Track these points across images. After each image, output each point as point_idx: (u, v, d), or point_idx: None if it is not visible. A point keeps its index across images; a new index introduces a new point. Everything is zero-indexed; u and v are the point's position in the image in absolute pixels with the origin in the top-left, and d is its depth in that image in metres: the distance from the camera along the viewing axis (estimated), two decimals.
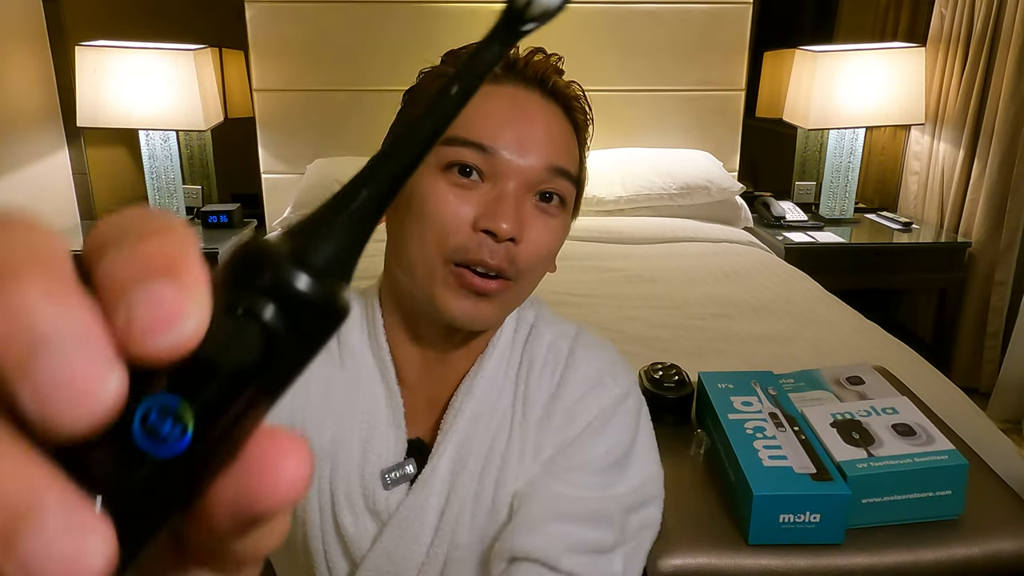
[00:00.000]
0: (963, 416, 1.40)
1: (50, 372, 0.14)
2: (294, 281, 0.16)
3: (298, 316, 0.16)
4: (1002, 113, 2.59)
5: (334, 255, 0.17)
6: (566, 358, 0.79)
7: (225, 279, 0.16)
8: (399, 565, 0.74)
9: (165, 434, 0.15)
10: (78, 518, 0.14)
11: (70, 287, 0.15)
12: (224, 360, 0.16)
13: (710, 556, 0.96)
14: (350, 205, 0.17)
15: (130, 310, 0.15)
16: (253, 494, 0.16)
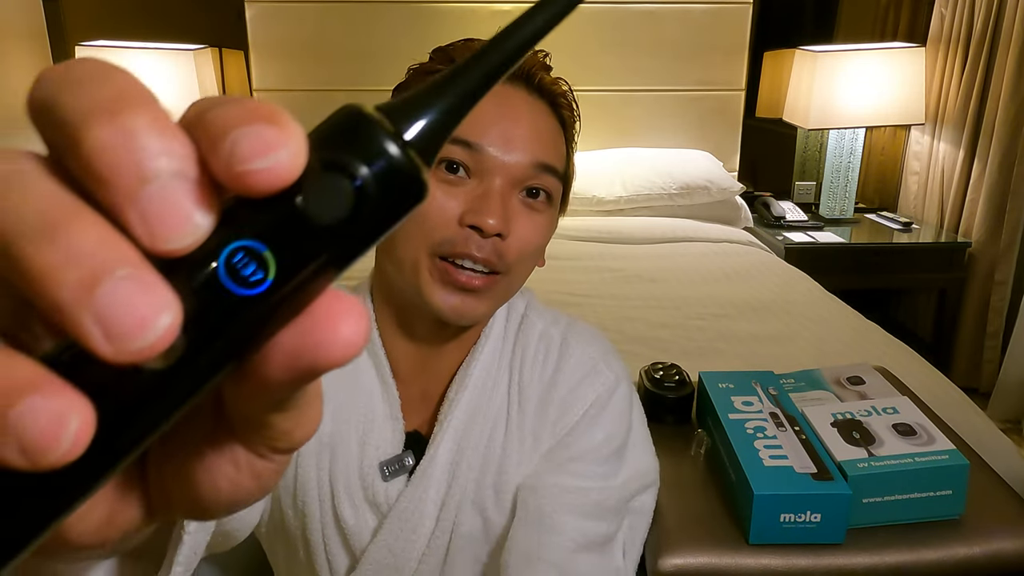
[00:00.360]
0: (963, 416, 1.40)
1: (152, 201, 0.15)
2: (389, 148, 0.17)
3: (389, 181, 0.17)
4: (1002, 113, 2.59)
5: (427, 134, 0.18)
6: (559, 347, 0.80)
7: (321, 138, 0.17)
8: (399, 557, 0.75)
9: (247, 275, 0.16)
10: (152, 284, 0.15)
11: (171, 123, 0.16)
12: (314, 211, 0.16)
13: (711, 556, 0.96)
14: (444, 93, 0.18)
15: (234, 142, 0.16)
16: (312, 347, 0.17)
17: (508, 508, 0.76)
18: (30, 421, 0.14)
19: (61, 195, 0.16)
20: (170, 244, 0.16)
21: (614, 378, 0.80)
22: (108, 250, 0.15)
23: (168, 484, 0.21)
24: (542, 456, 0.77)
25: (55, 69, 0.17)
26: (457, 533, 0.76)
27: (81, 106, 0.16)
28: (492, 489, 0.76)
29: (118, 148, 0.15)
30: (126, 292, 0.15)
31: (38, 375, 0.15)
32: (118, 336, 0.15)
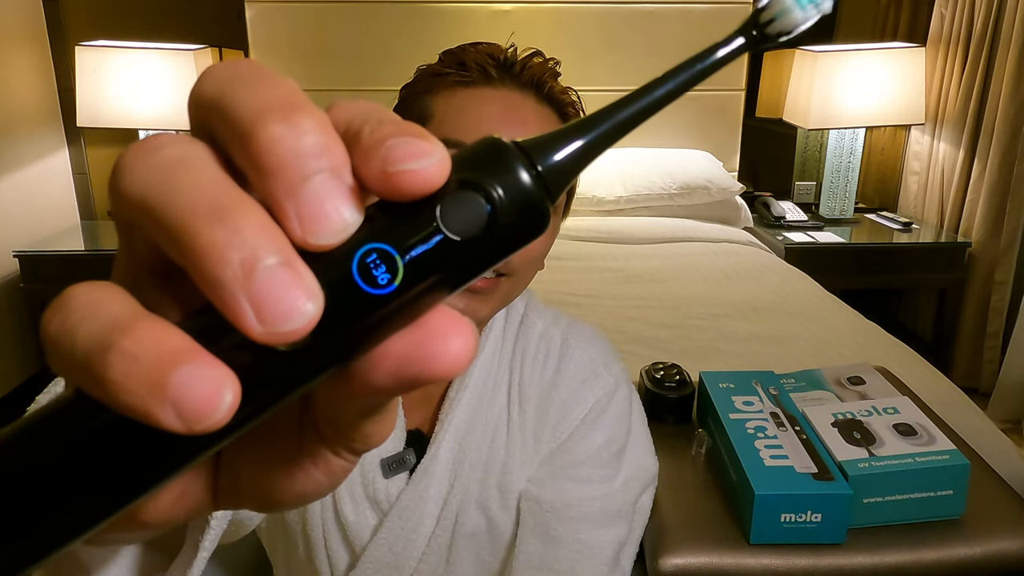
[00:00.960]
0: (963, 416, 1.40)
1: (310, 197, 0.17)
2: (523, 177, 0.18)
3: (519, 207, 0.18)
4: (1002, 113, 2.59)
5: (556, 171, 0.19)
6: (560, 347, 0.80)
7: (461, 160, 0.18)
8: (399, 556, 0.75)
9: (376, 276, 0.17)
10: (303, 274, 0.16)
11: (332, 128, 0.18)
12: (448, 224, 0.18)
13: (711, 555, 0.96)
14: (576, 137, 0.19)
15: (390, 148, 0.17)
16: (422, 358, 0.18)
17: (513, 508, 0.76)
18: (190, 389, 0.15)
19: (228, 182, 0.17)
20: (318, 239, 0.17)
21: (613, 381, 0.81)
22: (268, 237, 0.16)
23: (241, 473, 0.22)
24: (543, 460, 0.78)
25: (223, 67, 0.19)
26: (459, 533, 0.76)
27: (256, 103, 0.17)
28: (497, 489, 0.76)
29: (287, 144, 0.17)
30: (281, 279, 0.16)
31: (191, 345, 0.16)
32: (268, 318, 0.16)
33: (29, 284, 2.55)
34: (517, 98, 0.71)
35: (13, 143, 2.67)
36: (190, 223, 0.16)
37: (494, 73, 0.70)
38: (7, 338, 2.65)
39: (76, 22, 2.88)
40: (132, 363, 0.15)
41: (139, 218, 0.17)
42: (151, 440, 0.16)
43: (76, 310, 0.17)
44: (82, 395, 0.16)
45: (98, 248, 2.61)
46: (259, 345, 0.16)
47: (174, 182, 0.17)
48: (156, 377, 0.15)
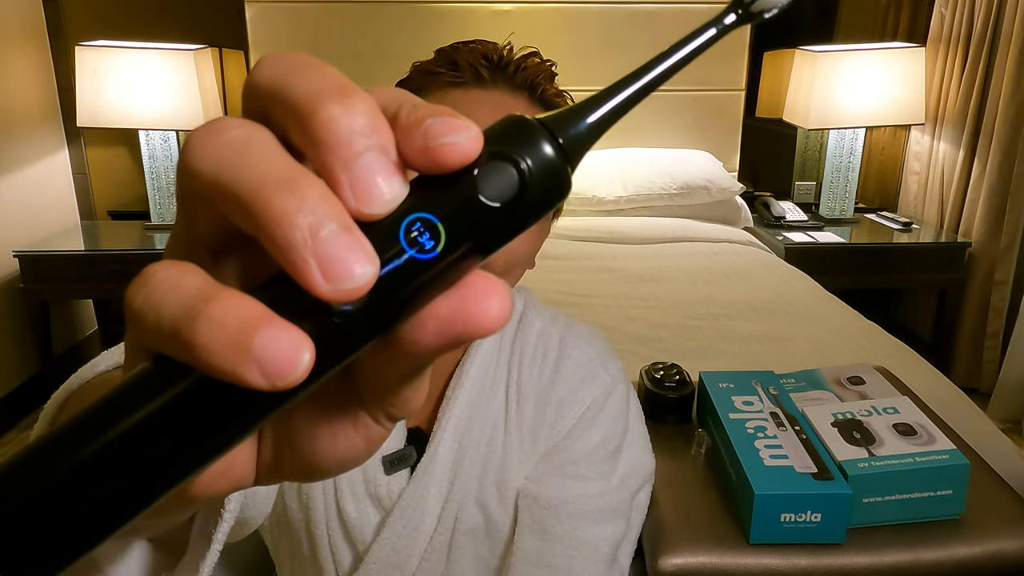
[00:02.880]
0: (963, 416, 1.40)
1: (360, 175, 0.19)
2: (546, 147, 0.20)
3: (545, 174, 0.20)
4: (1002, 113, 2.59)
5: (575, 141, 0.21)
6: (558, 346, 0.81)
7: (491, 136, 0.20)
8: (402, 555, 0.75)
9: (421, 242, 0.19)
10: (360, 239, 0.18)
11: (379, 111, 0.20)
12: (484, 192, 0.20)
13: (711, 555, 0.96)
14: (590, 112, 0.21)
15: (430, 125, 0.19)
16: (465, 317, 0.20)
17: (511, 506, 0.76)
18: (273, 348, 0.17)
19: (290, 158, 0.19)
20: (370, 208, 0.19)
21: (611, 380, 0.81)
22: (330, 205, 0.18)
23: (286, 442, 0.23)
24: (540, 457, 0.78)
25: (279, 57, 0.20)
26: (459, 530, 0.76)
27: (314, 87, 0.19)
28: (495, 487, 0.76)
29: (343, 123, 0.19)
30: (343, 242, 0.18)
31: (266, 311, 0.18)
32: (334, 277, 0.17)
33: (29, 284, 2.55)
34: (509, 101, 0.70)
35: (13, 143, 2.67)
36: (262, 194, 0.18)
37: (486, 74, 0.70)
38: (7, 338, 2.65)
39: (76, 22, 2.88)
40: (219, 328, 0.17)
41: (211, 192, 0.19)
42: (235, 398, 0.18)
43: (159, 285, 0.18)
44: (165, 361, 0.18)
45: (98, 248, 2.61)
46: (323, 307, 0.18)
47: (244, 158, 0.19)
48: (242, 340, 0.17)
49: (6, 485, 0.18)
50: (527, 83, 0.71)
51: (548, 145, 0.20)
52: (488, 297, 0.20)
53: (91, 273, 2.56)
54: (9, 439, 2.59)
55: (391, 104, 0.20)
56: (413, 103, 0.20)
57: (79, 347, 2.98)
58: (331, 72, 0.20)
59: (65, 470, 0.18)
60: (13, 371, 2.68)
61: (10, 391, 2.64)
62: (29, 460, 0.18)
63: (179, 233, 0.21)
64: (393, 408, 0.23)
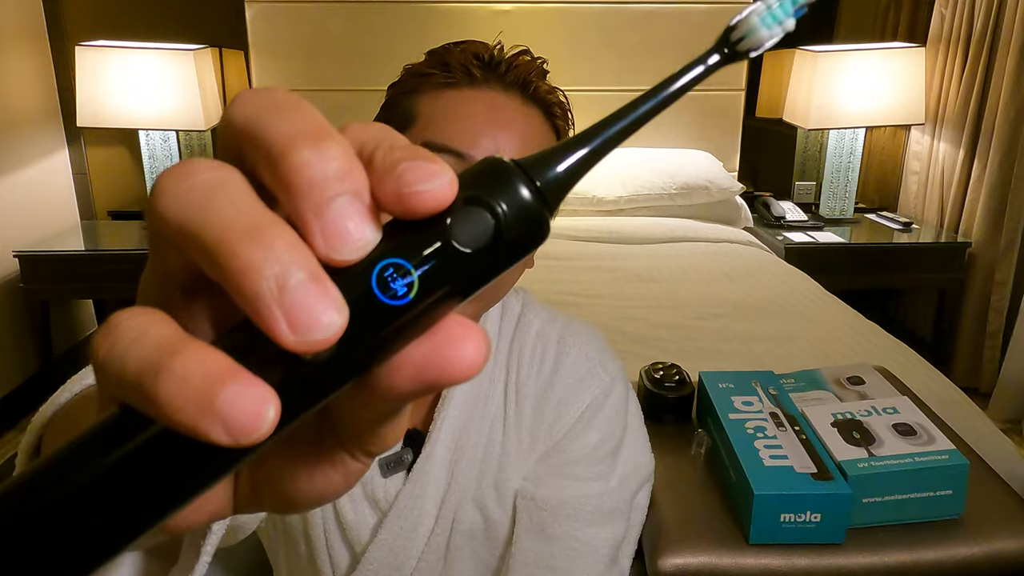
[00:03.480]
0: (963, 416, 1.40)
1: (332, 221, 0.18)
2: (523, 192, 0.20)
3: (522, 219, 0.20)
4: (1002, 113, 2.59)
5: (553, 185, 0.21)
6: (556, 346, 0.81)
7: (467, 179, 0.20)
8: (400, 556, 0.75)
9: (394, 288, 0.19)
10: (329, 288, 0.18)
11: (354, 155, 0.19)
12: (458, 238, 0.19)
13: (711, 556, 0.96)
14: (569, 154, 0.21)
15: (403, 171, 0.19)
16: (439, 363, 0.20)
17: (509, 506, 0.76)
18: (237, 405, 0.17)
19: (260, 204, 0.19)
20: (341, 255, 0.18)
21: (610, 380, 0.81)
22: (298, 255, 0.18)
23: (263, 478, 0.24)
24: (539, 458, 0.78)
25: (256, 94, 0.20)
26: (456, 531, 0.76)
27: (288, 129, 0.19)
28: (493, 488, 0.76)
29: (315, 168, 0.18)
30: (311, 292, 0.17)
31: (234, 366, 0.17)
32: (300, 328, 0.17)
33: (29, 284, 2.55)
34: (502, 99, 0.70)
35: (13, 143, 2.67)
36: (227, 242, 0.17)
37: (478, 74, 0.70)
38: (7, 338, 2.65)
39: (76, 22, 2.88)
40: (182, 384, 0.17)
41: (178, 237, 0.18)
42: (196, 451, 0.17)
43: (124, 334, 0.18)
44: (129, 411, 0.18)
45: (98, 248, 2.61)
46: (291, 356, 0.18)
47: (211, 204, 0.18)
48: (206, 397, 0.17)
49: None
50: (519, 81, 0.71)
51: (525, 188, 0.20)
52: (464, 342, 0.20)
53: (91, 273, 2.56)
54: (9, 439, 2.59)
55: (368, 144, 0.20)
56: (390, 144, 0.20)
57: (79, 347, 2.98)
58: (308, 112, 0.19)
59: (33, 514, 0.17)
60: (13, 371, 2.68)
61: (10, 391, 2.64)
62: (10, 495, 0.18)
63: (150, 274, 0.21)
64: (371, 446, 0.23)
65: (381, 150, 0.20)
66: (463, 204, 0.19)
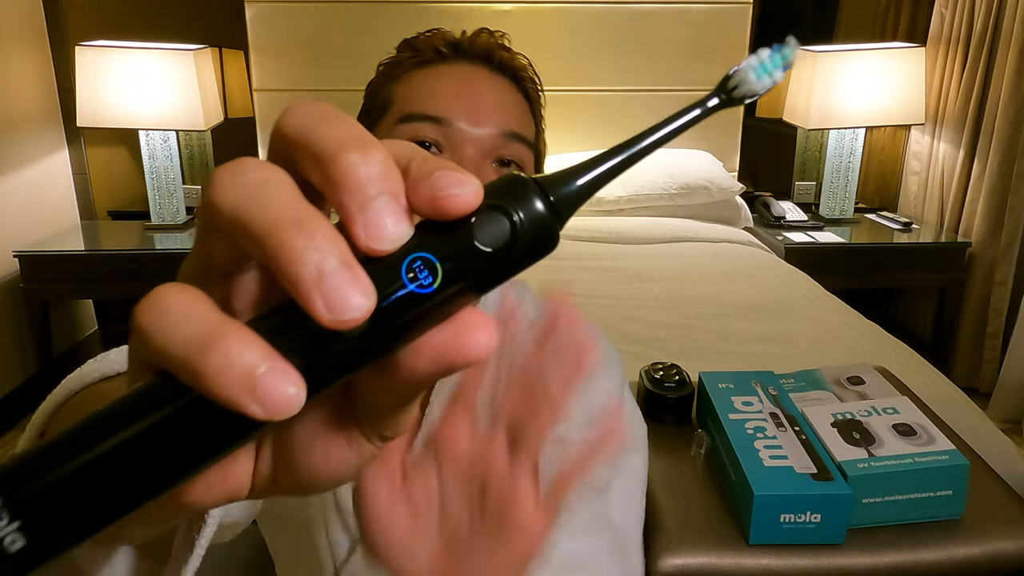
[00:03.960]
0: (963, 416, 1.40)
1: (373, 216, 0.21)
2: (538, 204, 0.23)
3: (535, 227, 0.23)
4: (1002, 113, 2.59)
5: (565, 201, 0.24)
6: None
7: (490, 190, 0.23)
8: None
9: (420, 278, 0.21)
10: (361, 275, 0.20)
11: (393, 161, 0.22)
12: (479, 238, 0.22)
13: (711, 556, 0.96)
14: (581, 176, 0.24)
15: (437, 177, 0.22)
16: (456, 347, 0.22)
17: None
18: (274, 390, 0.19)
19: (304, 200, 0.21)
20: (378, 245, 0.21)
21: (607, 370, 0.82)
22: (336, 244, 0.20)
23: (283, 457, 0.26)
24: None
25: (304, 106, 0.23)
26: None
27: (338, 137, 0.21)
28: None
29: (361, 170, 0.21)
30: (345, 278, 0.20)
31: (271, 352, 0.20)
32: (335, 308, 0.20)
33: (29, 284, 2.55)
34: (470, 70, 0.75)
35: (13, 143, 2.67)
36: (276, 231, 0.20)
37: (446, 50, 0.75)
38: (7, 338, 2.65)
39: (76, 22, 2.88)
40: (228, 365, 0.19)
41: (229, 225, 0.21)
42: (230, 417, 0.20)
43: (170, 309, 0.20)
44: (169, 379, 0.20)
45: (98, 248, 2.61)
46: (326, 332, 0.20)
47: (262, 197, 0.21)
48: (248, 378, 0.19)
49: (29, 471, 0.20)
50: (483, 54, 0.76)
51: (540, 202, 0.23)
52: (478, 330, 0.22)
53: (91, 273, 2.56)
54: (9, 439, 2.59)
55: (403, 156, 0.23)
56: (424, 157, 0.23)
57: (79, 347, 2.98)
58: (352, 124, 0.22)
59: (83, 462, 0.20)
60: (13, 371, 2.68)
61: (10, 391, 2.64)
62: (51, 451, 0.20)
63: (196, 257, 0.23)
64: (386, 430, 0.25)
65: (416, 161, 0.22)
66: (486, 210, 0.22)
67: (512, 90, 0.76)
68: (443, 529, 0.37)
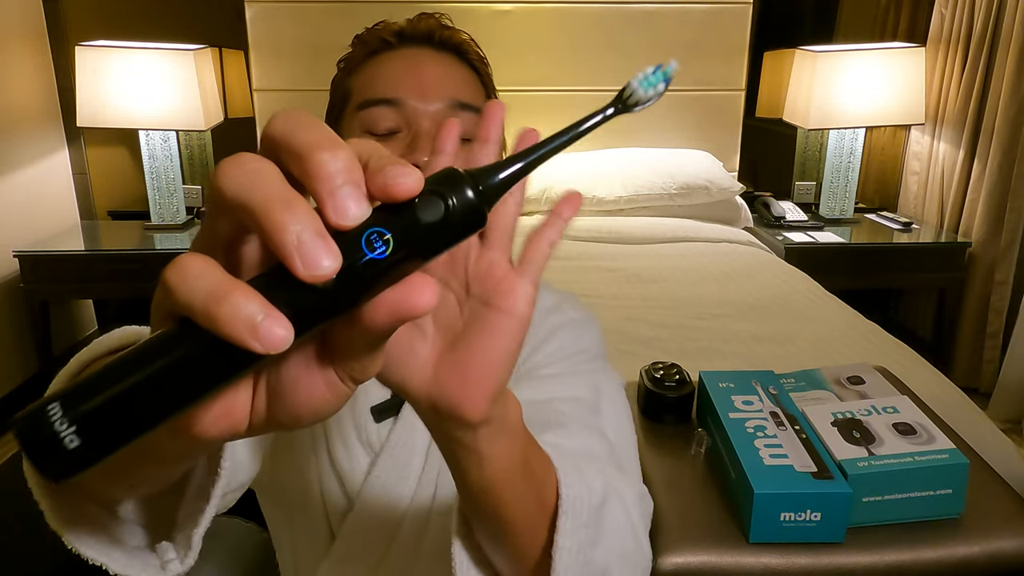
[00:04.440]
0: (963, 416, 1.40)
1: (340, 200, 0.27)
2: (467, 190, 0.30)
3: (465, 208, 0.30)
4: (1002, 113, 2.59)
5: (491, 188, 0.31)
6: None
7: (431, 180, 0.30)
8: (392, 494, 0.78)
9: (376, 246, 0.28)
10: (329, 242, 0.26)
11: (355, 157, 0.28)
12: (421, 215, 0.29)
13: (711, 554, 0.96)
14: (503, 170, 0.31)
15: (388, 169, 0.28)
16: (404, 302, 0.29)
17: None
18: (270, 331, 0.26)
19: (288, 185, 0.27)
20: (343, 221, 0.27)
21: (577, 316, 0.84)
22: (311, 219, 0.26)
23: (274, 395, 0.32)
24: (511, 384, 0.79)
25: (286, 115, 0.29)
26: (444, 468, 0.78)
27: (312, 140, 0.28)
28: None
29: (330, 165, 0.27)
30: (317, 244, 0.26)
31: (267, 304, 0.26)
32: (309, 266, 0.26)
33: (29, 284, 2.55)
34: (417, 53, 0.80)
35: (13, 143, 2.67)
36: (266, 208, 0.26)
37: (392, 39, 0.81)
38: (7, 338, 2.65)
39: (76, 22, 2.88)
40: (236, 312, 0.25)
41: (231, 204, 0.27)
42: (236, 351, 0.26)
43: (192, 270, 0.26)
44: (189, 323, 0.26)
45: (98, 248, 2.61)
46: (305, 286, 0.26)
47: (257, 182, 0.27)
48: (251, 323, 0.25)
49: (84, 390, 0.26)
50: (425, 36, 0.81)
51: (469, 189, 0.30)
52: (423, 288, 0.29)
53: (91, 273, 2.56)
54: (9, 439, 2.59)
55: (364, 153, 0.29)
56: (380, 154, 0.29)
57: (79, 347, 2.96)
58: (323, 128, 0.29)
59: (125, 385, 0.26)
60: (13, 371, 2.68)
61: (10, 391, 2.64)
62: (100, 376, 0.26)
63: (205, 233, 0.30)
64: (356, 372, 0.32)
65: (373, 157, 0.29)
66: (427, 194, 0.29)
67: (457, 63, 0.82)
68: (437, 325, 0.42)
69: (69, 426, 0.25)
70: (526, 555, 0.50)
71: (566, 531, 0.49)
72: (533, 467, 0.48)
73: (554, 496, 0.50)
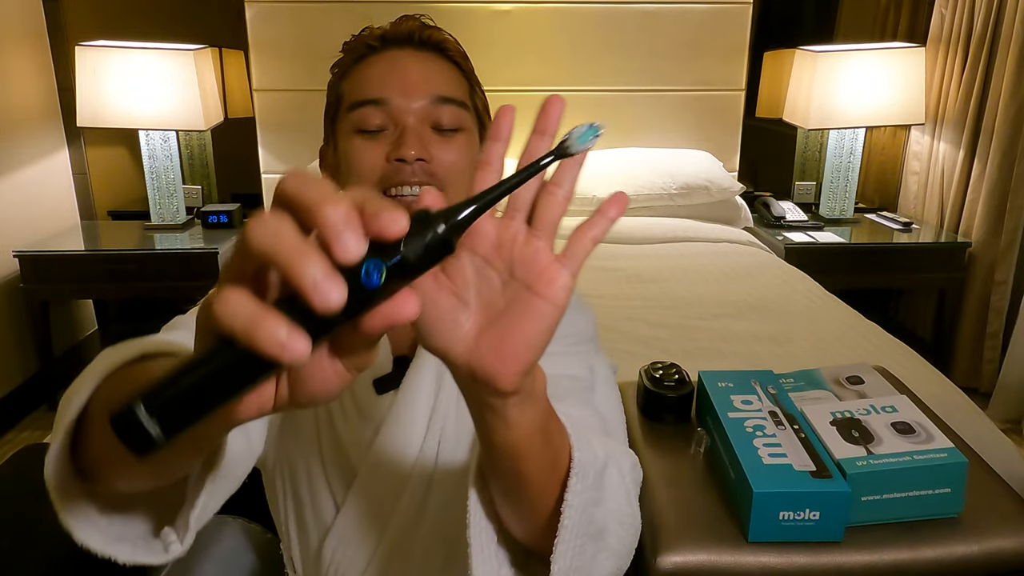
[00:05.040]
0: (963, 416, 1.40)
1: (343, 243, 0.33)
2: (440, 228, 0.38)
3: (438, 242, 0.37)
4: (1002, 113, 2.59)
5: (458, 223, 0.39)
6: None
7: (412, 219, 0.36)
8: (394, 466, 0.80)
9: (372, 276, 0.35)
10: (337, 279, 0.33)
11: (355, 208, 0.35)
12: (406, 251, 0.36)
13: (710, 553, 0.96)
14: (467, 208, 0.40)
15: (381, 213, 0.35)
16: (394, 314, 0.36)
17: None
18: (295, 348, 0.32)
19: (302, 238, 0.34)
20: (346, 259, 0.34)
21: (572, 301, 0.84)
22: (323, 264, 0.33)
23: (296, 382, 0.39)
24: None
25: (295, 175, 0.35)
26: (444, 436, 0.81)
27: (317, 196, 0.34)
28: None
29: (333, 216, 0.34)
30: (328, 283, 0.33)
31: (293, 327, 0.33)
32: (324, 300, 0.33)
33: (29, 284, 2.55)
34: (398, 53, 0.84)
35: (13, 143, 2.67)
36: (288, 259, 0.33)
37: (376, 43, 0.86)
38: (7, 338, 2.65)
39: (76, 22, 2.88)
40: (269, 335, 0.32)
41: (258, 256, 0.33)
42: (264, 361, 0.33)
43: (232, 301, 0.33)
44: (227, 341, 0.33)
45: (98, 248, 2.61)
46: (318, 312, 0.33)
47: (279, 239, 0.33)
48: (280, 342, 0.32)
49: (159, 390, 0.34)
50: (407, 37, 0.85)
51: (442, 225, 0.38)
52: (408, 304, 0.37)
53: (91, 273, 2.56)
54: (9, 439, 2.59)
55: (359, 200, 0.35)
56: (374, 201, 0.35)
57: (79, 347, 2.99)
58: (326, 185, 0.35)
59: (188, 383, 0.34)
60: (13, 371, 2.68)
61: (10, 391, 2.64)
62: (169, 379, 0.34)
63: (235, 269, 0.36)
64: (357, 363, 0.39)
65: (369, 203, 0.35)
66: (411, 233, 0.36)
67: (438, 60, 0.85)
68: (480, 300, 0.47)
69: (152, 417, 0.34)
70: (535, 511, 0.56)
71: (576, 491, 0.55)
72: (551, 433, 0.54)
73: (567, 460, 0.56)
